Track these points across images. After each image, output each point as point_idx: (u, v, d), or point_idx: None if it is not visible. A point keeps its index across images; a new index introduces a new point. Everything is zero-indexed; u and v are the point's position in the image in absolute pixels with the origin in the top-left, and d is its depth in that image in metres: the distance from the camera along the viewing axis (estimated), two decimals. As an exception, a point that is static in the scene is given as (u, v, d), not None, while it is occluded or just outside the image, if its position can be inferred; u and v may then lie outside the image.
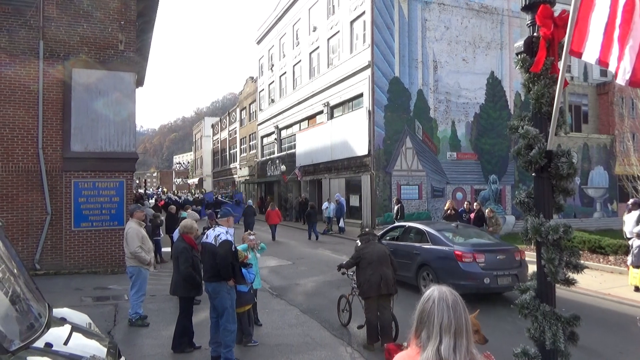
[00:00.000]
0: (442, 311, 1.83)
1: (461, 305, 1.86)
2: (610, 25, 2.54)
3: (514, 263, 9.63)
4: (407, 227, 11.58)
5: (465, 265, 9.26)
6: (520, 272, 9.42)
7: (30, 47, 12.00)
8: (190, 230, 6.86)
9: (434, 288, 1.93)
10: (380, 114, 22.36)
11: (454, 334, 1.81)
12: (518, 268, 9.55)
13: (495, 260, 9.42)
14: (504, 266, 9.38)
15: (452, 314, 1.83)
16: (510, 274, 9.30)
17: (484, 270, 9.18)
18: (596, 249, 14.30)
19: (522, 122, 3.35)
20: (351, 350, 6.78)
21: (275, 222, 20.66)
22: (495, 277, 9.20)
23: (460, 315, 1.83)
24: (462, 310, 1.85)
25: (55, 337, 3.36)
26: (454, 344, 1.80)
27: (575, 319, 3.11)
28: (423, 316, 1.88)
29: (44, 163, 11.96)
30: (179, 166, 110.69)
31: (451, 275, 9.12)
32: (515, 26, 25.09)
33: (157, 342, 7.00)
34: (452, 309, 1.83)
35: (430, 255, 9.98)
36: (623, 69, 2.49)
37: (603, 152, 26.72)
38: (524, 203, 3.33)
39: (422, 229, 10.75)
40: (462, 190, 23.77)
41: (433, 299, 1.87)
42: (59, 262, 12.01)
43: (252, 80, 44.20)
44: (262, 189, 40.07)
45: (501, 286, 9.38)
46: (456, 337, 1.80)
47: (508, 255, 9.69)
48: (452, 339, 1.80)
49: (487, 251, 9.58)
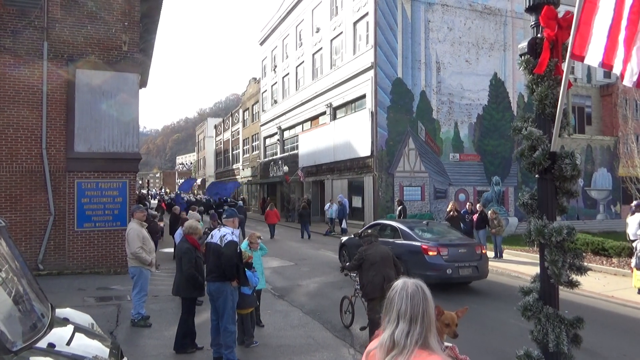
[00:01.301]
0: (401, 299, 1.99)
1: (421, 295, 1.99)
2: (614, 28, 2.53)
3: (474, 256, 10.80)
4: (384, 225, 12.72)
5: (431, 258, 10.39)
6: (480, 264, 10.71)
7: (34, 47, 12.04)
8: (194, 231, 6.85)
9: (401, 280, 2.10)
10: (383, 115, 22.35)
11: (408, 320, 1.95)
12: (478, 261, 10.74)
13: (458, 253, 10.56)
14: (465, 259, 10.55)
15: (409, 302, 1.97)
16: (470, 265, 10.52)
17: (447, 263, 10.32)
18: (599, 251, 14.24)
19: (525, 123, 3.34)
20: (353, 352, 6.76)
21: (273, 221, 21.67)
22: (457, 269, 10.33)
23: (418, 304, 1.97)
24: (421, 299, 1.98)
25: (58, 337, 3.37)
26: (407, 330, 1.94)
27: (578, 321, 3.10)
28: (387, 303, 2.06)
29: (48, 163, 11.99)
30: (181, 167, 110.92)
31: (418, 267, 10.28)
32: (518, 27, 25.04)
33: (160, 342, 7.01)
34: (410, 298, 1.98)
35: (401, 249, 10.82)
36: (630, 70, 2.48)
37: (606, 154, 26.63)
38: (528, 205, 3.32)
39: (396, 226, 11.99)
40: (465, 192, 23.72)
41: (397, 289, 2.05)
42: (62, 263, 12.04)
43: (255, 81, 44.24)
44: (265, 189, 40.09)
45: (462, 276, 10.52)
46: (410, 324, 1.94)
47: (469, 249, 10.87)
48: (406, 325, 1.95)
49: (451, 245, 10.75)
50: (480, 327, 7.91)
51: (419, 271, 9.89)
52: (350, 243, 13.42)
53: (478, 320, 8.35)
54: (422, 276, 9.44)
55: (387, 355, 1.95)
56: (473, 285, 11.57)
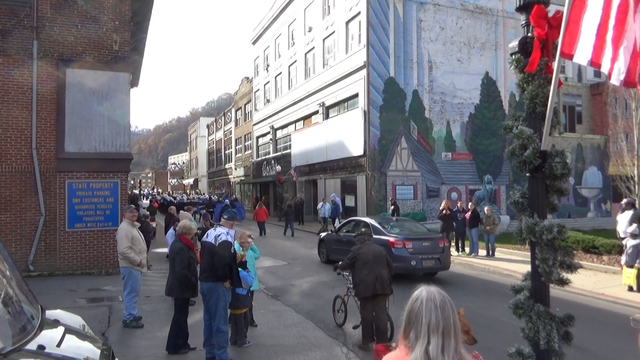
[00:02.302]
0: (430, 311, 1.83)
1: (449, 305, 1.86)
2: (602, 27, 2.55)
3: (437, 249, 11.75)
4: (358, 221, 13.89)
5: (397, 251, 11.26)
6: (442, 257, 11.75)
7: (24, 47, 11.93)
8: (187, 231, 6.82)
9: (422, 288, 1.93)
10: (376, 114, 22.38)
11: (442, 334, 1.80)
12: (441, 253, 11.75)
13: (422, 246, 11.41)
14: (429, 251, 11.42)
15: (440, 314, 1.82)
16: (433, 257, 11.42)
17: (411, 255, 11.26)
18: (590, 249, 14.37)
19: (516, 122, 3.36)
20: (346, 351, 6.77)
21: (262, 219, 22.79)
22: (421, 260, 11.25)
23: (449, 316, 1.83)
24: (450, 310, 1.85)
25: (48, 339, 3.34)
26: (442, 344, 1.79)
27: (569, 318, 3.12)
28: (411, 316, 1.87)
29: (38, 164, 11.89)
30: (174, 167, 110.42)
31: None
32: (509, 27, 25.18)
33: (152, 343, 6.97)
34: (440, 309, 1.83)
35: None
36: (617, 69, 2.50)
37: (597, 153, 26.86)
38: (519, 203, 3.34)
39: (368, 222, 12.88)
40: (457, 191, 23.83)
41: (421, 299, 1.87)
42: (53, 263, 11.94)
43: (247, 81, 44.13)
44: (258, 189, 40.01)
45: (425, 267, 11.44)
46: (444, 338, 1.80)
47: (432, 243, 11.82)
48: (440, 339, 1.80)
49: (415, 239, 11.65)
50: (472, 325, 7.92)
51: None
52: (328, 239, 14.55)
53: (469, 318, 8.34)
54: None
55: None
56: (465, 283, 11.65)
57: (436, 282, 11.75)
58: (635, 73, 2.43)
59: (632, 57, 2.43)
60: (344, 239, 13.14)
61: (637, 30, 2.39)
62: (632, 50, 2.43)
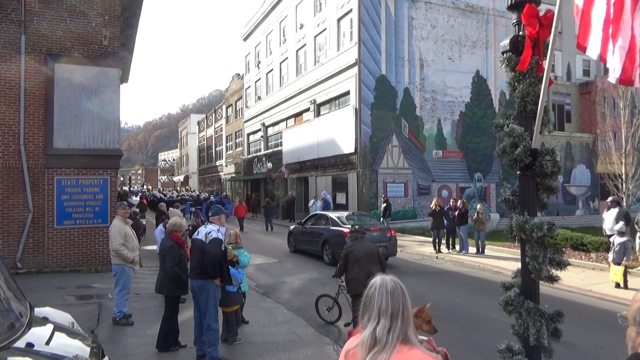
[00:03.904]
0: (381, 296, 2.00)
1: (400, 291, 2.02)
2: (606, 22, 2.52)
3: (384, 238, 13.33)
4: (320, 215, 15.79)
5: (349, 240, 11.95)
6: (389, 245, 13.34)
7: (11, 41, 11.75)
8: (177, 229, 6.78)
9: (379, 277, 2.11)
10: (367, 111, 22.41)
11: (390, 316, 1.96)
12: (388, 242, 13.32)
13: (371, 236, 11.88)
14: (377, 240, 12.30)
15: (389, 298, 1.99)
16: (381, 245, 12.07)
17: None
18: (578, 246, 14.53)
19: (507, 120, 3.38)
20: (337, 348, 6.78)
21: (242, 215, 24.14)
22: None
23: (398, 300, 1.99)
24: (400, 295, 2.01)
25: (37, 336, 3.31)
26: (389, 326, 1.95)
27: (558, 315, 3.15)
28: (366, 301, 2.05)
29: (26, 160, 11.73)
30: (164, 163, 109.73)
31: (340, 247, 12.15)
32: (500, 25, 25.32)
33: (142, 341, 6.93)
34: (391, 295, 2.00)
35: (329, 234, 13.97)
36: (613, 67, 2.50)
37: (585, 151, 27.15)
38: (509, 201, 3.36)
39: (328, 216, 14.94)
40: (448, 188, 23.95)
41: (375, 286, 2.06)
42: (41, 261, 11.82)
43: (238, 77, 43.94)
44: (249, 186, 39.92)
45: None
46: (392, 320, 1.96)
47: (381, 233, 13.41)
48: (387, 321, 1.95)
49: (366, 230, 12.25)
50: (463, 322, 8.00)
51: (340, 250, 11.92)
52: (296, 231, 16.26)
53: (460, 316, 8.45)
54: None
55: (369, 352, 1.94)
56: (455, 280, 11.73)
57: (427, 279, 11.86)
58: (632, 71, 2.43)
59: (627, 55, 2.43)
60: (308, 230, 15.29)
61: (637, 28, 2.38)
62: (627, 48, 2.43)
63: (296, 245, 16.00)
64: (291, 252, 16.11)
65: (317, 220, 15.35)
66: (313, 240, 14.73)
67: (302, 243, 15.63)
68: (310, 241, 15.02)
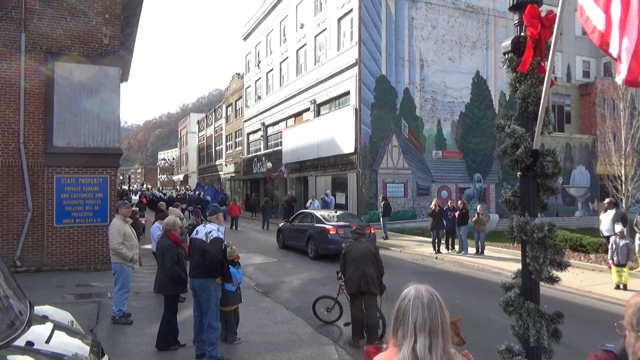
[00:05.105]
0: (416, 309, 1.79)
1: (437, 304, 1.82)
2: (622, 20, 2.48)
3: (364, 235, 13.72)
4: (306, 213, 16.97)
5: (331, 236, 14.15)
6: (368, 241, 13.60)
7: (11, 39, 11.74)
8: (173, 227, 6.77)
9: (412, 287, 1.89)
10: (367, 112, 22.41)
11: (429, 333, 1.76)
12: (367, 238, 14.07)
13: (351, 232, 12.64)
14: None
15: (426, 312, 1.78)
16: None
17: (342, 238, 13.33)
18: (577, 247, 14.54)
19: (508, 121, 3.38)
20: (337, 347, 6.78)
21: (236, 214, 24.70)
22: None
23: (436, 314, 1.79)
24: (438, 308, 1.81)
25: (37, 335, 3.30)
26: (429, 343, 1.76)
27: (558, 316, 3.15)
28: (399, 315, 1.84)
29: (25, 158, 11.73)
30: (163, 162, 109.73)
31: (323, 243, 14.27)
32: (500, 26, 25.33)
33: (141, 340, 6.93)
34: (427, 308, 1.79)
35: (313, 230, 14.94)
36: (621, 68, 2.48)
37: (585, 152, 27.16)
38: (510, 201, 3.36)
39: (313, 214, 16.03)
40: (447, 189, 23.96)
41: (409, 297, 1.84)
42: (41, 259, 11.81)
43: (238, 77, 43.91)
44: (248, 186, 39.90)
45: None
46: (431, 336, 1.76)
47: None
48: (427, 338, 1.76)
49: (346, 227, 13.83)
50: (463, 323, 7.98)
51: (324, 245, 14.22)
52: (284, 228, 17.23)
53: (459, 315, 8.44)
54: (326, 249, 14.14)
55: None
56: (454, 280, 11.73)
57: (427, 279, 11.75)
58: (638, 72, 2.41)
59: (634, 56, 2.42)
60: (296, 227, 16.25)
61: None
62: (633, 50, 2.41)
63: (284, 241, 17.07)
64: (280, 247, 17.17)
65: (304, 218, 16.39)
66: (299, 237, 15.73)
67: (289, 239, 16.66)
68: (297, 237, 16.03)
